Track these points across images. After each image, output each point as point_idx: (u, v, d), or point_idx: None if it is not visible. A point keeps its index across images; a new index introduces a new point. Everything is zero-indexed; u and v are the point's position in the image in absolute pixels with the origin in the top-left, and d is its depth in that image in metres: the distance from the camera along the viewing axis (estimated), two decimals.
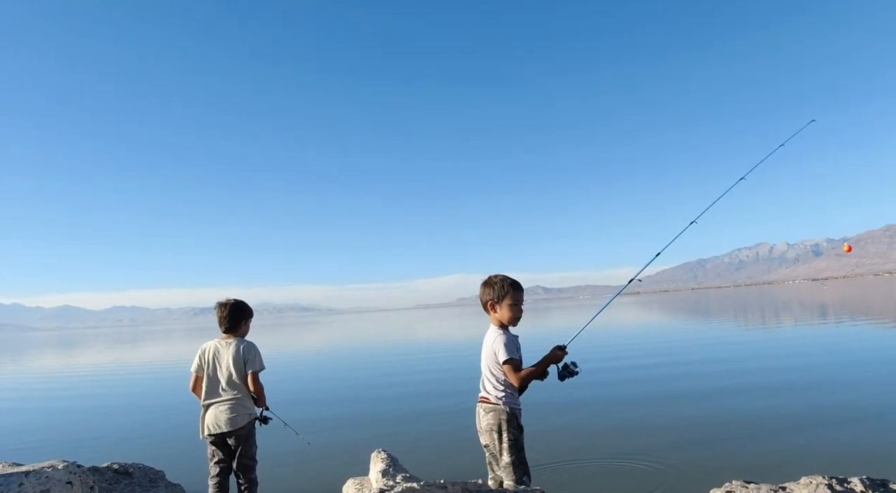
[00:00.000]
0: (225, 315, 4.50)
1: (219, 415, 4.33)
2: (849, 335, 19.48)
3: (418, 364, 19.38)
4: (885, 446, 6.47)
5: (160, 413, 11.91)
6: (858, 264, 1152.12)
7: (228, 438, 4.36)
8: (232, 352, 4.41)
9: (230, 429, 4.32)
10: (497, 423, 3.60)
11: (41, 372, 26.80)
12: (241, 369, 4.41)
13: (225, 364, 4.39)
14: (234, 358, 4.40)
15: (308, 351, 30.32)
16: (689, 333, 25.35)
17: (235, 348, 4.43)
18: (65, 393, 17.21)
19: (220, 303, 4.58)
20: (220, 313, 4.53)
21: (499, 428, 3.59)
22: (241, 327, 4.56)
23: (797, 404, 9.08)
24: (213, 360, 4.42)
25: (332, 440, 8.64)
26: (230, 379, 4.38)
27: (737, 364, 13.93)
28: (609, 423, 8.56)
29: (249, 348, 4.48)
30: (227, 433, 4.34)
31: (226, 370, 4.38)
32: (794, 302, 51.76)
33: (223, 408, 4.34)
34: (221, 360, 4.41)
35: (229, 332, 4.53)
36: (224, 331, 4.54)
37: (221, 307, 4.54)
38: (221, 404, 4.35)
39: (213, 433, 4.34)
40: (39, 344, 73.30)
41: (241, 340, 4.53)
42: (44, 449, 8.76)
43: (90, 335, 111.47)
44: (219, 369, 4.40)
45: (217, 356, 4.43)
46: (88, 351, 44.14)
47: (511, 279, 3.78)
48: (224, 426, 4.31)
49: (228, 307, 4.53)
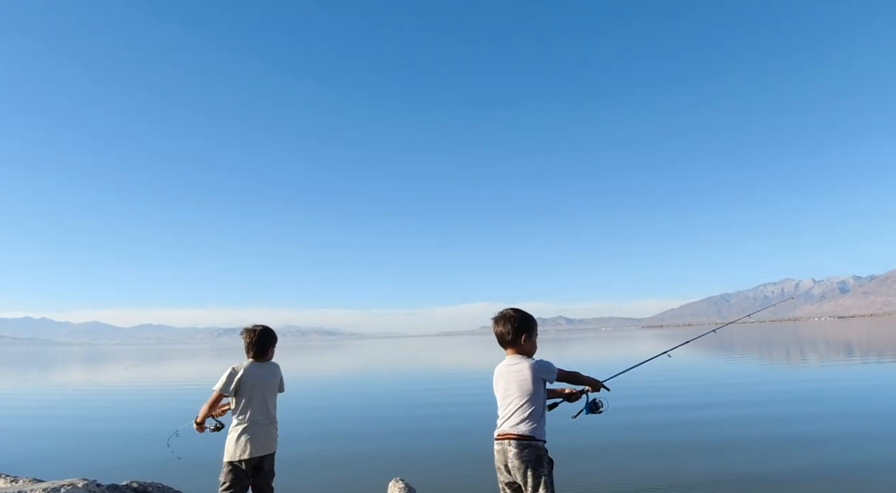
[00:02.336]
0: (255, 341, 4.51)
1: (259, 438, 4.33)
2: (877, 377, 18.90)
3: (439, 393, 19.23)
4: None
5: (182, 432, 11.92)
6: (886, 302, 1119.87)
7: (264, 461, 4.36)
8: (270, 375, 4.50)
9: (268, 452, 4.37)
10: (535, 458, 3.46)
11: (65, 387, 27.10)
12: (276, 393, 4.54)
13: (268, 387, 4.46)
14: (271, 381, 4.49)
15: (330, 376, 30.31)
16: (713, 371, 24.79)
17: (272, 372, 4.52)
18: (88, 409, 17.38)
19: (248, 329, 4.58)
20: (248, 338, 4.52)
21: (536, 463, 3.45)
22: (268, 353, 4.59)
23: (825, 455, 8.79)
24: (257, 382, 4.41)
25: (348, 466, 8.58)
26: (267, 402, 4.44)
27: (767, 408, 13.57)
28: (631, 457, 8.38)
29: (280, 372, 4.62)
30: (265, 456, 4.36)
31: (265, 393, 4.43)
32: (820, 340, 50.45)
33: (261, 431, 4.35)
34: (262, 382, 4.43)
35: (258, 357, 4.52)
36: (252, 356, 4.52)
37: (250, 333, 4.53)
38: (262, 427, 4.36)
39: (252, 456, 4.27)
40: (65, 359, 74.28)
41: (276, 364, 4.62)
42: (64, 463, 8.85)
43: (116, 352, 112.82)
44: (257, 391, 4.40)
45: (259, 378, 4.43)
46: (114, 368, 44.63)
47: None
48: (263, 449, 4.33)
49: (257, 333, 4.53)
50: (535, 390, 3.55)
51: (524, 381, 3.55)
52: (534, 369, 3.57)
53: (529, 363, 3.60)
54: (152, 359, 63.12)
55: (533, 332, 3.73)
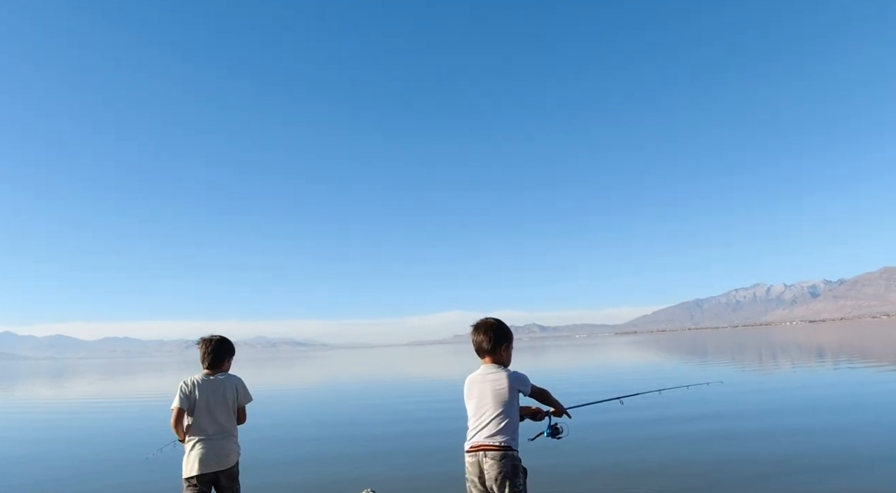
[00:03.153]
0: (209, 351, 4.43)
1: (210, 453, 4.16)
2: (852, 379, 19.33)
3: (407, 403, 19.12)
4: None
5: (152, 447, 11.67)
6: (856, 306, 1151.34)
7: (221, 476, 4.20)
8: (225, 386, 4.33)
9: (226, 467, 4.21)
10: (512, 468, 3.44)
11: (30, 402, 26.38)
12: (233, 404, 4.35)
13: (218, 400, 4.28)
14: (227, 393, 4.32)
15: (299, 387, 29.97)
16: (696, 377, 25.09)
17: (226, 383, 4.35)
18: (54, 424, 16.90)
19: (205, 339, 4.52)
20: (204, 348, 4.45)
21: (513, 473, 3.44)
22: (224, 364, 4.49)
23: (806, 448, 8.94)
24: (204, 395, 4.26)
25: (319, 479, 8.46)
26: (225, 415, 4.28)
27: (737, 420, 13.75)
28: (604, 465, 8.40)
29: (240, 382, 4.46)
30: (222, 471, 4.20)
31: (220, 406, 4.27)
32: (792, 344, 51.52)
33: (217, 445, 4.19)
34: (214, 394, 4.28)
35: (212, 368, 4.43)
36: (207, 366, 4.43)
37: (206, 343, 4.47)
38: (215, 441, 4.20)
39: (206, 472, 4.13)
40: (30, 374, 72.34)
41: (230, 375, 4.45)
42: (32, 483, 8.59)
43: (82, 366, 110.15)
44: (210, 405, 4.25)
45: (208, 392, 4.28)
46: (79, 382, 43.52)
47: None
48: (220, 463, 4.18)
49: (213, 343, 4.46)
50: (510, 401, 3.55)
51: (501, 391, 3.55)
52: (511, 380, 3.57)
53: (507, 373, 3.60)
54: (118, 373, 61.69)
55: (511, 343, 3.79)
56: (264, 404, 19.31)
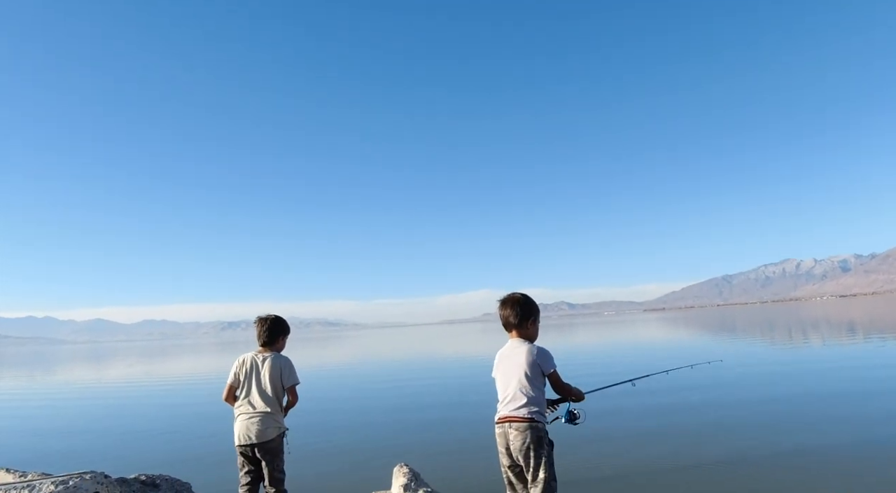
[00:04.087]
0: (265, 329, 4.62)
1: (250, 427, 4.39)
2: (877, 354, 19.00)
3: (440, 379, 19.39)
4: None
5: (188, 426, 12.05)
6: (888, 280, 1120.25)
7: (257, 450, 4.41)
8: (269, 366, 4.50)
9: (259, 441, 4.38)
10: (536, 439, 3.50)
11: (71, 383, 27.29)
12: (276, 383, 4.49)
13: (262, 377, 4.47)
14: (271, 372, 4.49)
15: (335, 365, 30.44)
16: (717, 354, 24.89)
17: (272, 362, 4.52)
18: (95, 404, 17.54)
19: (261, 317, 4.71)
20: (259, 327, 4.65)
21: (537, 444, 3.49)
22: (278, 342, 4.67)
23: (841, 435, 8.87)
24: (251, 372, 4.50)
25: (355, 453, 8.67)
26: (264, 392, 4.45)
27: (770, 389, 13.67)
28: (628, 444, 8.45)
29: (286, 363, 4.59)
30: (256, 444, 4.39)
31: (262, 383, 4.46)
32: (822, 320, 50.60)
33: (255, 420, 4.39)
34: (258, 372, 4.48)
35: (267, 346, 4.62)
36: (262, 344, 4.63)
37: (262, 322, 4.66)
38: (254, 417, 4.41)
39: (243, 444, 4.40)
40: (70, 357, 74.62)
41: (277, 354, 4.62)
42: (73, 458, 8.92)
43: (121, 348, 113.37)
44: (254, 381, 4.47)
45: (254, 369, 4.50)
46: (118, 364, 44.86)
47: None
48: (254, 437, 4.37)
49: (269, 322, 4.65)
50: (535, 374, 3.60)
51: (526, 364, 3.60)
52: (535, 354, 3.61)
53: (531, 348, 3.65)
54: (156, 355, 63.35)
55: (537, 317, 3.82)
56: (305, 380, 19.69)
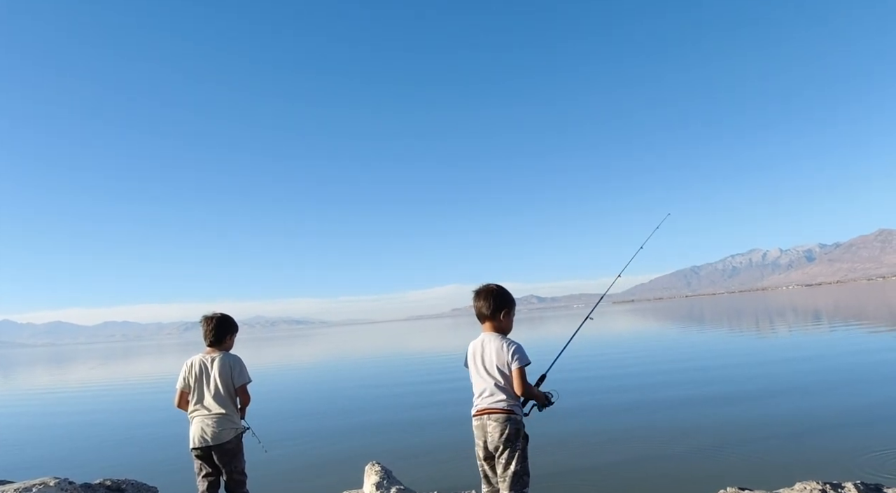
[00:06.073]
0: (211, 329, 4.47)
1: (205, 429, 4.27)
2: (841, 340, 19.59)
3: (409, 376, 19.34)
4: (877, 451, 6.50)
5: (152, 428, 11.80)
6: (851, 269, 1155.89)
7: (214, 452, 4.30)
8: (219, 366, 4.38)
9: (215, 443, 4.28)
10: (514, 431, 3.51)
11: (31, 388, 26.56)
12: (228, 383, 4.37)
13: (211, 378, 4.35)
14: (221, 372, 4.36)
15: (300, 364, 30.21)
16: (683, 340, 25.39)
17: (222, 362, 4.40)
18: (56, 409, 17.07)
19: (206, 317, 4.56)
20: (205, 326, 4.50)
21: (514, 436, 3.50)
22: (226, 341, 4.53)
23: (790, 410, 9.11)
24: (200, 374, 4.37)
25: (325, 453, 8.61)
26: (216, 393, 4.33)
27: (731, 371, 13.97)
28: (602, 433, 8.56)
29: (236, 361, 4.46)
30: (213, 446, 4.29)
31: (212, 384, 4.34)
32: (788, 308, 51.99)
33: (209, 422, 4.28)
34: (208, 374, 4.36)
35: (214, 346, 4.48)
36: (209, 345, 4.49)
37: (207, 321, 4.51)
38: (207, 418, 4.30)
39: (198, 446, 4.28)
40: (30, 361, 72.60)
41: (226, 353, 4.49)
42: (35, 465, 8.66)
43: (81, 351, 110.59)
44: (205, 383, 4.35)
45: (203, 371, 4.37)
46: (79, 367, 43.78)
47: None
48: (210, 439, 4.27)
49: (214, 321, 4.50)
50: (510, 369, 3.58)
51: (500, 357, 3.58)
52: (509, 348, 3.59)
53: (506, 341, 3.63)
54: (118, 357, 62.02)
55: (511, 309, 3.77)
56: (269, 380, 19.51)
